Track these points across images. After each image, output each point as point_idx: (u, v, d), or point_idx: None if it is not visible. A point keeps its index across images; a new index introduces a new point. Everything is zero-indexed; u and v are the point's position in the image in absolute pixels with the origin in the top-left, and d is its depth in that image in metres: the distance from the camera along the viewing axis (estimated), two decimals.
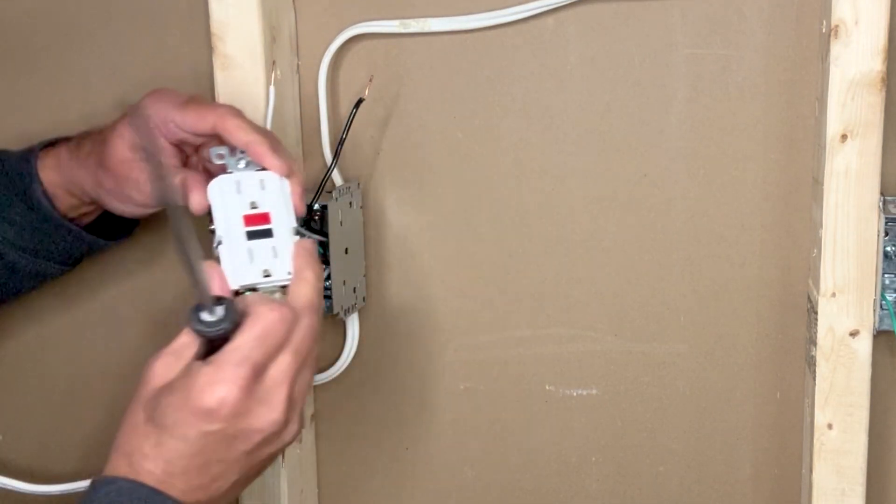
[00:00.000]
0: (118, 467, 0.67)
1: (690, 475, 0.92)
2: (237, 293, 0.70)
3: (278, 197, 0.73)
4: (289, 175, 0.73)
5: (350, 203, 0.88)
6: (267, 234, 0.72)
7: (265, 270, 0.71)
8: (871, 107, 0.77)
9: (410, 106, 0.90)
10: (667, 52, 0.85)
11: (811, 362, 0.82)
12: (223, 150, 0.75)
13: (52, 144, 0.84)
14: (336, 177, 0.87)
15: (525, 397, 0.93)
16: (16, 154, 0.83)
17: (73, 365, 1.00)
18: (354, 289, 0.89)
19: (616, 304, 0.90)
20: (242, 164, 0.74)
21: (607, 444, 0.93)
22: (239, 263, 0.70)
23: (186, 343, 0.67)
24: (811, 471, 0.82)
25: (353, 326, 0.91)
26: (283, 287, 0.71)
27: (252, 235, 0.72)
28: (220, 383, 0.63)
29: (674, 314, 0.89)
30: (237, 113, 0.75)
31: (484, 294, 0.92)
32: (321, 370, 0.93)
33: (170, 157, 0.77)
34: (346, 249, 0.87)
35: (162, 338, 0.98)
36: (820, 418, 0.81)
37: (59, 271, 0.86)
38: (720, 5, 0.83)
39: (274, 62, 0.84)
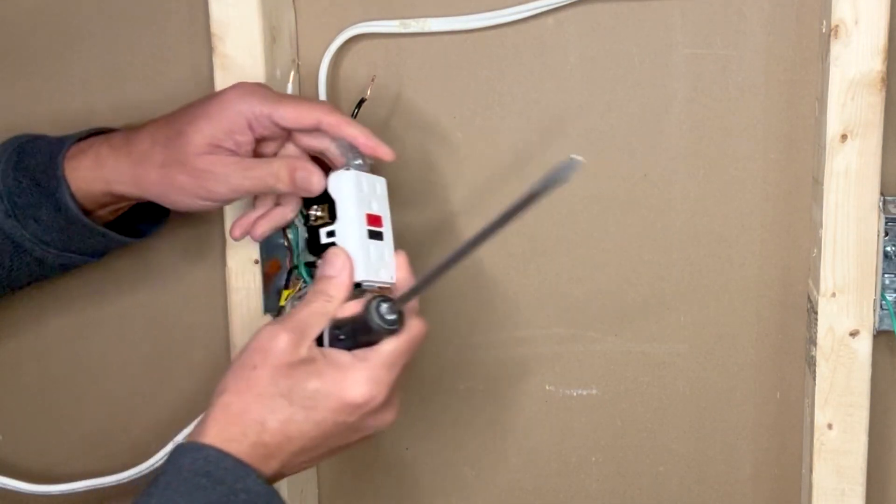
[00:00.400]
0: (216, 431, 0.67)
1: (690, 475, 0.92)
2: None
3: (384, 202, 0.77)
4: (391, 158, 0.76)
5: None
6: (379, 236, 0.76)
7: (376, 271, 0.74)
8: (871, 107, 0.77)
9: (410, 106, 0.90)
10: (667, 52, 0.85)
11: (811, 362, 0.82)
12: (345, 145, 0.76)
13: (86, 136, 0.81)
14: None
15: (525, 397, 0.93)
16: (45, 149, 0.80)
17: (73, 365, 1.00)
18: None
19: (616, 304, 0.90)
20: (359, 161, 0.76)
21: (607, 444, 0.93)
22: (361, 259, 0.73)
23: (311, 324, 0.70)
24: (811, 471, 0.82)
25: None
26: (382, 289, 0.74)
27: (371, 235, 0.75)
28: (373, 383, 0.68)
29: (674, 314, 0.89)
30: (337, 108, 0.76)
31: (484, 294, 0.92)
32: None
33: (249, 150, 0.77)
34: None
35: (162, 337, 0.98)
36: (820, 418, 0.81)
37: (86, 262, 0.85)
38: (720, 5, 0.83)
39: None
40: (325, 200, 0.76)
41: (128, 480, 0.96)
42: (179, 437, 0.87)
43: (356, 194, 0.75)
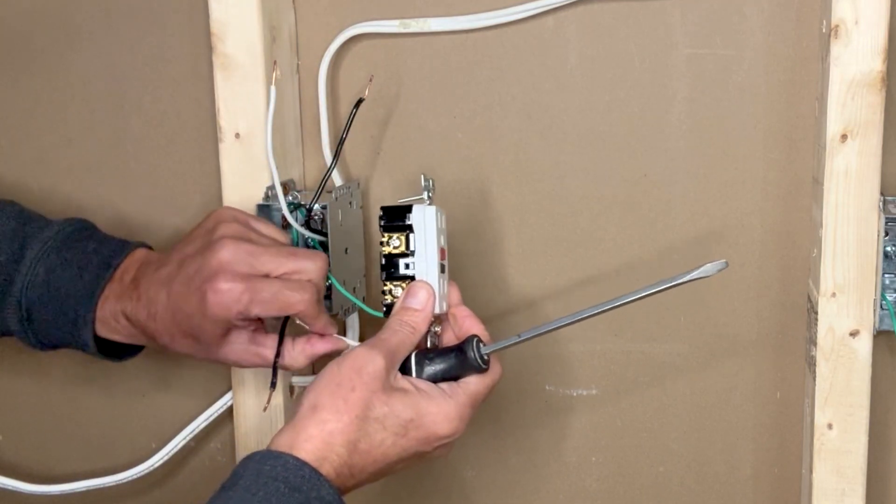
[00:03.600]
0: (311, 448, 0.68)
1: (690, 475, 0.92)
2: None
3: (446, 233, 0.79)
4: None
5: (350, 203, 0.88)
6: (443, 268, 0.79)
7: (441, 304, 0.78)
8: (871, 107, 0.77)
9: (410, 106, 0.90)
10: (667, 52, 0.85)
11: (811, 362, 0.82)
12: (428, 180, 0.78)
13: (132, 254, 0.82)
14: (336, 177, 0.88)
15: (525, 397, 0.93)
16: (79, 283, 0.80)
17: (73, 365, 1.00)
18: (354, 289, 0.89)
19: None
20: (431, 195, 0.78)
21: (607, 444, 0.93)
22: (439, 294, 0.77)
23: (400, 353, 0.73)
24: (811, 471, 0.82)
25: (353, 326, 0.91)
26: (435, 320, 0.78)
27: (440, 269, 0.78)
28: (459, 419, 0.72)
29: (674, 314, 0.89)
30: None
31: (484, 294, 0.92)
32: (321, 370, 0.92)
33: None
34: (346, 249, 0.87)
35: None
36: (820, 418, 0.81)
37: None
38: (720, 5, 0.83)
39: (275, 62, 0.84)
40: (401, 228, 0.77)
41: (128, 480, 0.96)
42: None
43: (436, 229, 0.77)
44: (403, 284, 0.78)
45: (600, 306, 0.73)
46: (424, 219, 0.77)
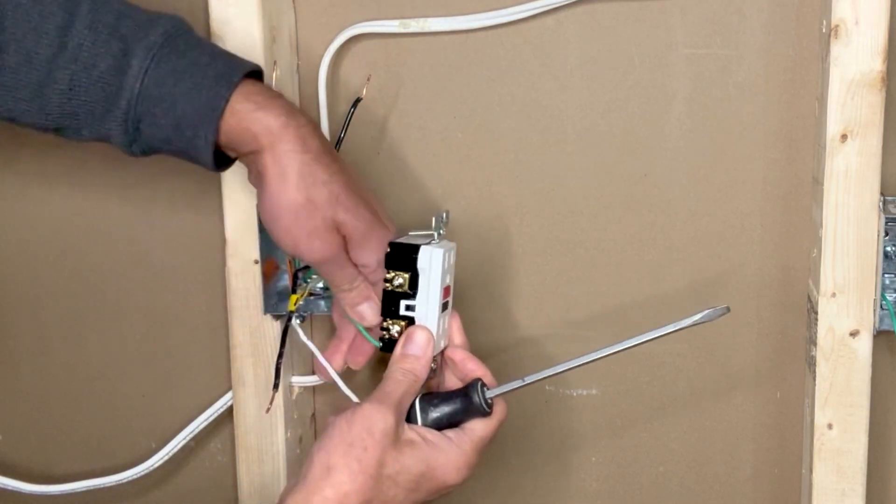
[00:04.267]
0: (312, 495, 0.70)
1: (690, 475, 0.92)
2: None
3: (453, 268, 0.79)
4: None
5: None
6: (446, 305, 0.79)
7: (440, 343, 0.79)
8: (871, 107, 0.77)
9: (410, 106, 0.90)
10: (667, 52, 0.85)
11: (811, 362, 0.82)
12: (439, 214, 0.79)
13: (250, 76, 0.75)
14: None
15: (525, 397, 0.93)
16: (198, 98, 0.72)
17: (73, 365, 1.00)
18: None
19: (616, 304, 0.90)
20: (444, 231, 0.79)
21: (607, 444, 0.93)
22: (434, 336, 0.77)
23: (405, 403, 0.74)
24: (811, 471, 0.82)
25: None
26: (434, 357, 0.78)
27: (442, 307, 0.78)
28: (468, 468, 0.75)
29: (674, 314, 0.89)
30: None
31: (484, 294, 0.92)
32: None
33: None
34: None
35: (162, 337, 0.98)
36: (820, 418, 0.81)
37: None
38: (720, 5, 0.83)
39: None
40: (407, 267, 0.77)
41: (128, 480, 0.96)
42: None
43: (441, 273, 0.77)
44: (402, 323, 0.78)
45: (601, 351, 0.75)
46: (431, 262, 0.77)
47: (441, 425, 0.75)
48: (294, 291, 0.85)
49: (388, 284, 0.77)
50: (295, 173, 0.73)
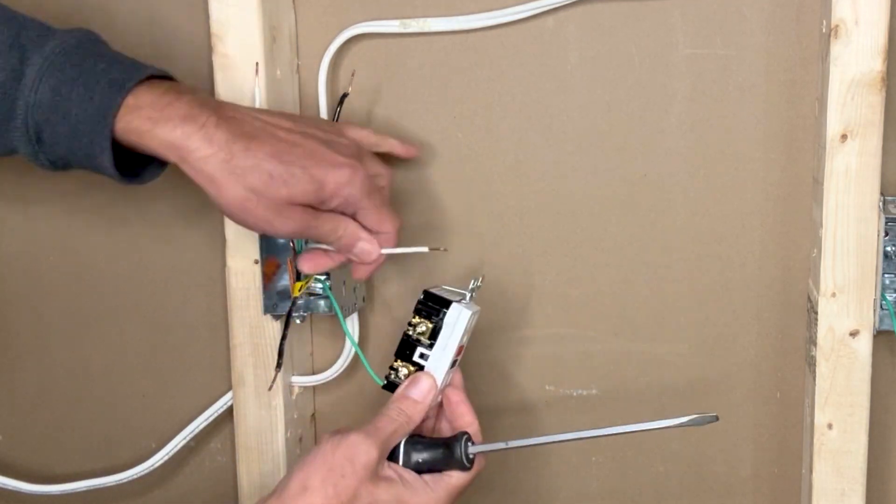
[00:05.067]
0: None
1: (690, 475, 0.92)
2: None
3: (472, 328, 0.81)
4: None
5: None
6: (455, 363, 0.80)
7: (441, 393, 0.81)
8: (871, 107, 0.77)
9: (410, 106, 0.90)
10: (667, 52, 0.85)
11: (811, 362, 0.82)
12: (478, 281, 0.81)
13: (150, 78, 0.75)
14: None
15: (525, 397, 0.93)
16: (90, 106, 0.72)
17: (73, 365, 1.00)
18: (354, 289, 0.89)
19: (616, 304, 0.90)
20: (475, 291, 0.81)
21: (607, 444, 0.93)
22: (438, 387, 0.79)
23: (392, 442, 0.76)
24: (811, 471, 0.82)
25: (352, 327, 0.91)
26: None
27: (452, 364, 0.80)
28: None
29: (674, 314, 0.89)
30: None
31: (484, 294, 0.91)
32: (321, 370, 0.93)
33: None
34: None
35: (162, 337, 0.98)
36: (820, 418, 0.81)
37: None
38: (720, 5, 0.83)
39: (257, 63, 0.84)
40: (432, 316, 0.79)
41: (128, 480, 0.96)
42: None
43: (463, 332, 0.79)
44: (411, 368, 0.79)
45: (586, 432, 0.76)
46: (458, 320, 0.78)
47: (421, 470, 0.76)
48: (299, 279, 0.85)
49: (410, 329, 0.79)
50: (219, 174, 0.72)
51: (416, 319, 0.79)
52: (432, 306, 0.79)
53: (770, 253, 0.87)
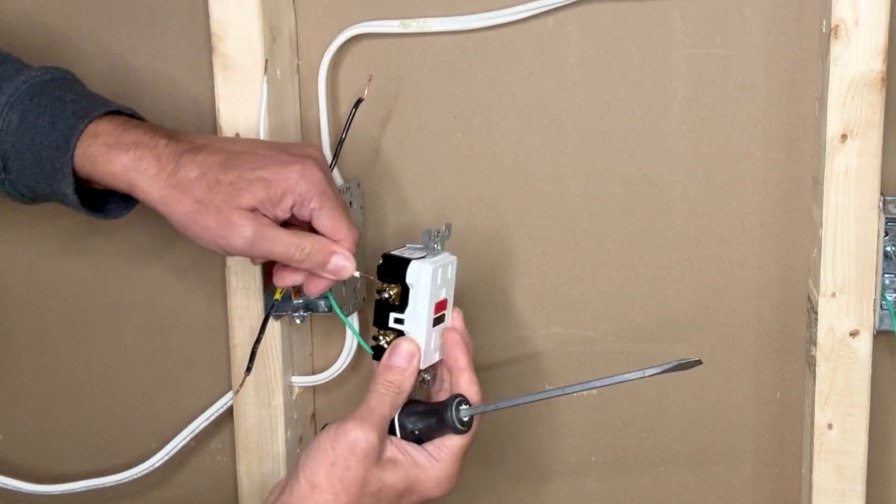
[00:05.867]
0: None
1: (690, 475, 0.92)
2: None
3: (452, 281, 0.78)
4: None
5: (350, 203, 0.88)
6: (441, 319, 0.78)
7: (432, 356, 0.78)
8: (871, 107, 0.77)
9: (410, 106, 0.90)
10: (667, 52, 0.85)
11: (811, 362, 0.82)
12: (430, 231, 0.78)
13: (107, 113, 0.76)
14: (336, 177, 0.87)
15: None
16: (57, 121, 0.74)
17: (73, 365, 1.00)
18: (354, 289, 0.89)
19: (616, 304, 0.90)
20: (437, 246, 0.78)
21: (607, 444, 0.93)
22: (422, 350, 0.77)
23: (387, 417, 0.75)
24: (811, 471, 0.82)
25: (354, 324, 0.91)
26: (428, 369, 0.78)
27: (435, 322, 0.77)
28: (450, 479, 0.76)
29: (674, 314, 0.89)
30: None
31: (484, 294, 0.92)
32: (321, 370, 0.93)
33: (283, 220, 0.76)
34: None
35: (162, 337, 0.98)
36: (820, 418, 0.81)
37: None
38: (720, 5, 0.83)
39: (266, 60, 0.84)
40: (397, 279, 0.76)
41: (128, 480, 0.96)
42: None
43: (431, 288, 0.76)
44: (391, 335, 0.77)
45: (571, 388, 0.74)
46: (419, 277, 0.76)
47: (420, 439, 0.76)
48: None
49: (378, 295, 0.77)
50: (167, 189, 0.73)
51: (383, 285, 0.77)
52: (392, 268, 0.76)
53: (770, 253, 0.87)
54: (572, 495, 0.94)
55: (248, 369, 0.82)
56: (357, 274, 0.76)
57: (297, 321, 0.89)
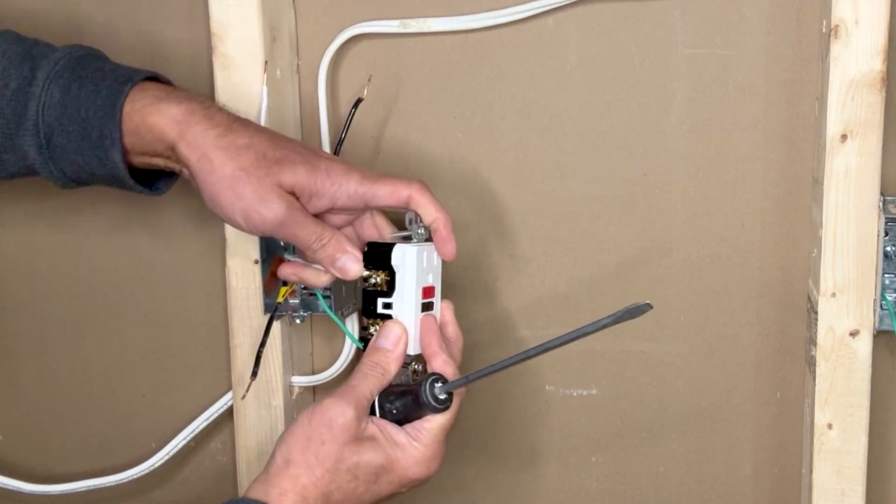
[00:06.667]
0: (275, 497, 0.71)
1: (690, 475, 0.92)
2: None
3: (438, 269, 0.79)
4: (452, 259, 0.78)
5: None
6: (430, 306, 0.78)
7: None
8: (871, 107, 0.77)
9: (410, 106, 0.90)
10: (667, 52, 0.85)
11: (811, 362, 0.82)
12: (412, 216, 0.78)
13: (152, 78, 0.77)
14: None
15: (525, 397, 0.93)
16: (98, 98, 0.74)
17: (73, 365, 1.00)
18: (354, 289, 0.89)
19: (616, 304, 0.90)
20: (422, 231, 0.78)
21: (607, 444, 0.93)
22: (413, 334, 0.77)
23: (369, 397, 0.74)
24: (811, 471, 0.82)
25: (352, 327, 0.91)
26: (418, 357, 0.78)
27: (423, 307, 0.78)
28: (432, 460, 0.74)
29: (674, 314, 0.89)
30: (427, 188, 0.77)
31: (484, 294, 0.92)
32: (321, 370, 0.93)
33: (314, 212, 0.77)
34: None
35: (162, 337, 0.98)
36: (820, 418, 0.81)
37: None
38: (720, 5, 0.83)
39: (266, 61, 0.84)
40: (383, 266, 0.77)
41: (128, 480, 0.96)
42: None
43: (417, 270, 0.77)
44: (381, 322, 0.78)
45: (534, 349, 0.72)
46: (405, 260, 0.77)
47: (400, 420, 0.75)
48: (285, 284, 0.85)
49: (365, 283, 0.78)
50: (214, 149, 0.73)
51: (369, 272, 0.77)
52: (377, 254, 0.77)
53: (770, 253, 0.87)
54: (572, 495, 0.94)
55: (254, 374, 0.82)
56: (365, 274, 0.77)
57: (297, 321, 0.89)
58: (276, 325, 0.88)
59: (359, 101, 0.84)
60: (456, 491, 0.96)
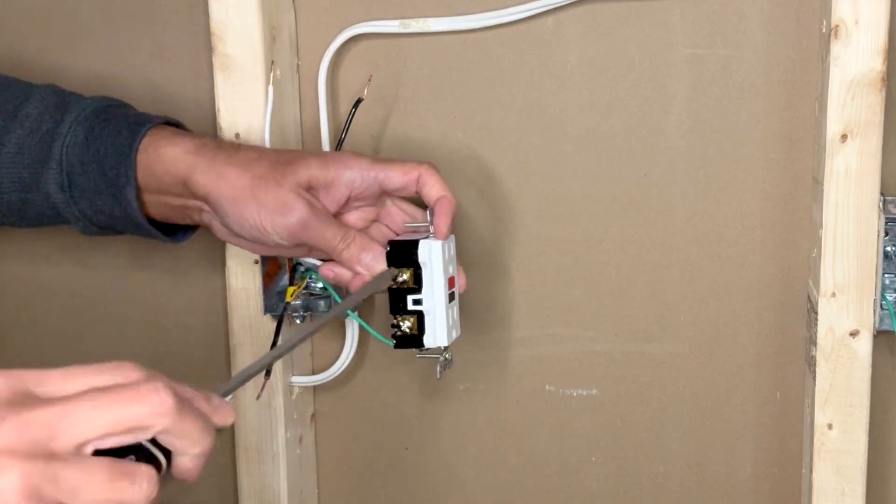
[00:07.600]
0: None
1: (690, 475, 0.92)
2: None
3: (455, 258, 0.81)
4: (443, 238, 0.79)
5: None
6: (453, 296, 0.80)
7: (451, 333, 0.80)
8: (871, 107, 0.77)
9: (410, 106, 0.90)
10: (667, 52, 0.85)
11: (811, 362, 0.82)
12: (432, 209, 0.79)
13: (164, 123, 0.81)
14: None
15: (525, 397, 0.93)
16: (120, 132, 0.78)
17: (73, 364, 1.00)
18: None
19: (616, 304, 0.90)
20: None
21: (607, 444, 0.93)
22: (445, 326, 0.78)
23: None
24: (811, 471, 0.82)
25: (352, 326, 0.91)
26: (448, 348, 0.80)
27: (450, 298, 0.79)
28: None
29: (674, 314, 0.89)
30: (437, 169, 0.79)
31: (484, 294, 0.92)
32: (321, 370, 0.93)
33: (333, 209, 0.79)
34: None
35: (162, 337, 0.98)
36: (820, 418, 0.81)
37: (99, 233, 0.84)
38: (720, 5, 0.83)
39: (273, 62, 0.84)
40: (408, 262, 0.78)
41: None
42: None
43: (443, 263, 0.78)
44: (412, 318, 0.78)
45: (337, 308, 0.76)
46: (431, 254, 0.77)
47: None
48: (291, 283, 0.86)
49: (392, 282, 0.78)
50: (226, 166, 0.76)
51: (394, 270, 0.78)
52: (402, 252, 0.78)
53: (770, 253, 0.87)
54: (572, 495, 0.94)
55: (267, 374, 0.82)
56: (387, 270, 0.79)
57: (297, 321, 0.89)
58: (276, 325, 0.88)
59: (359, 101, 0.84)
60: (456, 491, 0.96)
